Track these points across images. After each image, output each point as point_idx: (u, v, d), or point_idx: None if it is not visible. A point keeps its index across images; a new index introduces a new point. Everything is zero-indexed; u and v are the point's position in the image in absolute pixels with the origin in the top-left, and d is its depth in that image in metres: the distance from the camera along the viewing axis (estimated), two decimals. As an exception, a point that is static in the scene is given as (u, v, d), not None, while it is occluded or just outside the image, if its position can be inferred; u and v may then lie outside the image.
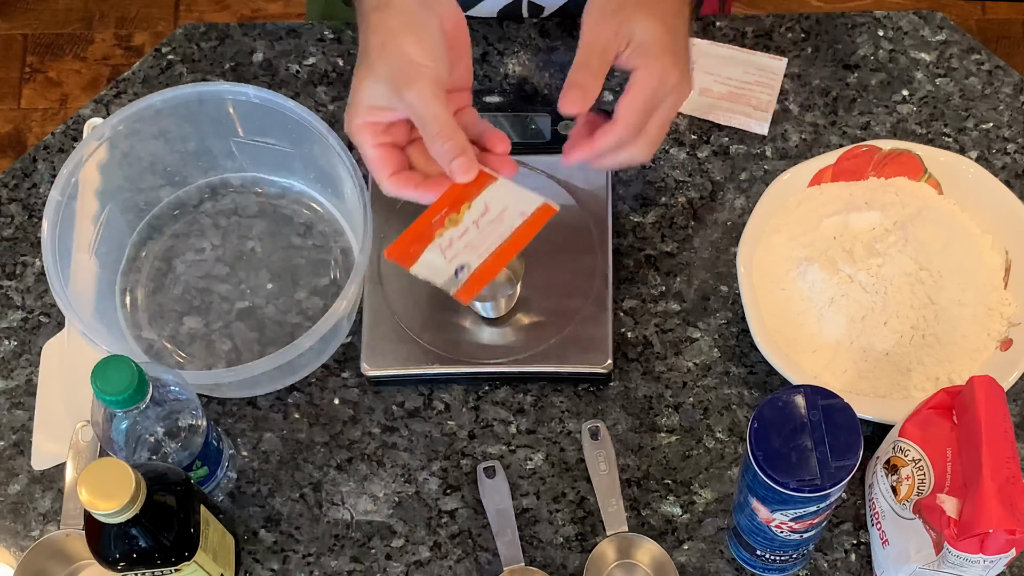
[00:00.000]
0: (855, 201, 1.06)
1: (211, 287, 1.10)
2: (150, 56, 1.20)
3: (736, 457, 1.03)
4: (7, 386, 1.07)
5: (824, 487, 0.83)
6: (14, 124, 2.21)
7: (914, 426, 0.92)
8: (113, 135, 1.06)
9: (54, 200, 1.02)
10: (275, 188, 1.14)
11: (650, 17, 0.93)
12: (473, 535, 1.01)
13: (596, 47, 0.94)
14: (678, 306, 1.08)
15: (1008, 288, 1.04)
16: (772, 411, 0.84)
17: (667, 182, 1.13)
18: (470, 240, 0.90)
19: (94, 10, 2.32)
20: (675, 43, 0.94)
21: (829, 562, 1.00)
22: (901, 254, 1.01)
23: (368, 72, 0.91)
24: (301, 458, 1.04)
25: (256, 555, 1.01)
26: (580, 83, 0.93)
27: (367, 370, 1.04)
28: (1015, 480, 0.84)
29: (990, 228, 1.06)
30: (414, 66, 0.89)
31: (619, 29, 0.93)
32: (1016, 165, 1.13)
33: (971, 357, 1.01)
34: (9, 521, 1.02)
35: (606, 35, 0.93)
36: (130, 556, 0.87)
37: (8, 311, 1.10)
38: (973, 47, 1.19)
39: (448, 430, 1.04)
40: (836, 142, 1.15)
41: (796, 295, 1.03)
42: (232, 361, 1.06)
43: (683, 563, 0.99)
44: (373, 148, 0.92)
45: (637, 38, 0.93)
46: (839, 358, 1.01)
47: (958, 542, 0.85)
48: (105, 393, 0.86)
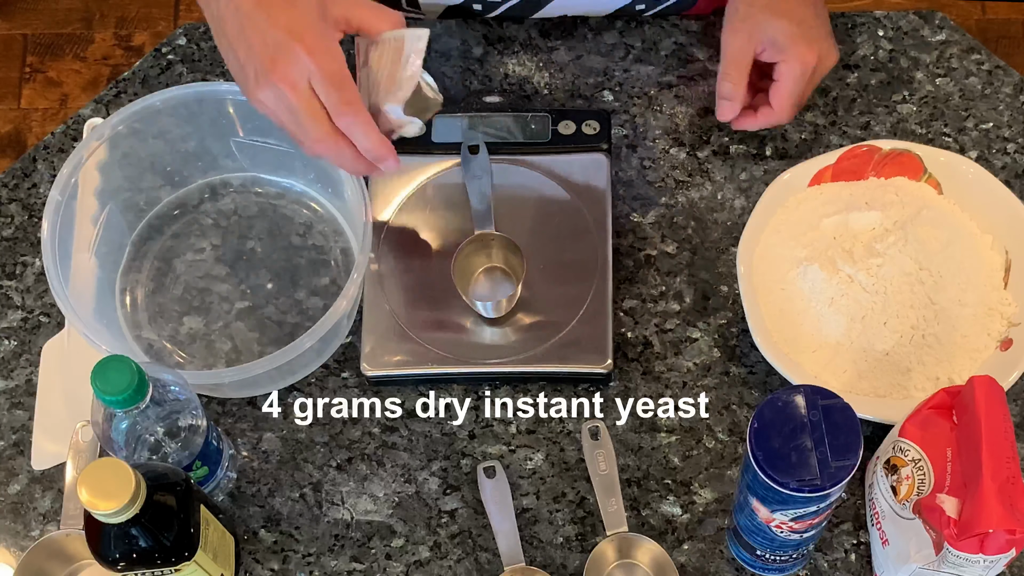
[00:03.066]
0: (855, 201, 1.06)
1: (211, 287, 1.10)
2: (150, 56, 1.20)
3: (736, 457, 1.03)
4: (7, 386, 1.07)
5: (824, 487, 0.83)
6: (14, 124, 2.21)
7: (914, 426, 0.92)
8: (113, 135, 1.06)
9: (54, 200, 1.02)
10: (275, 188, 1.14)
11: (777, 16, 1.07)
12: (473, 535, 1.01)
13: (733, 57, 1.09)
14: (678, 306, 1.08)
15: (1008, 288, 1.04)
16: (772, 411, 0.84)
17: (667, 182, 1.13)
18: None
19: (94, 10, 2.32)
20: (805, 32, 1.07)
21: (829, 562, 1.00)
22: (901, 254, 1.01)
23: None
24: (301, 458, 1.04)
25: (256, 555, 1.01)
26: (726, 95, 1.09)
27: (367, 370, 1.04)
28: (1015, 480, 0.84)
29: (990, 228, 1.06)
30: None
31: (751, 35, 1.08)
32: (1016, 165, 1.13)
33: (971, 357, 1.01)
34: (9, 521, 1.02)
35: (740, 43, 1.08)
36: (130, 556, 0.87)
37: (8, 311, 1.10)
38: (973, 47, 1.19)
39: (448, 430, 1.04)
40: (836, 142, 1.15)
41: (796, 295, 1.03)
42: (232, 361, 1.06)
43: (683, 563, 0.99)
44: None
45: (770, 38, 1.07)
46: (839, 358, 1.01)
47: (958, 542, 0.85)
48: (105, 393, 0.86)
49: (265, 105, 0.91)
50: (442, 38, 1.20)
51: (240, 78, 0.93)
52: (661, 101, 1.17)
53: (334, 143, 0.92)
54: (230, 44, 0.92)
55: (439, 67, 1.18)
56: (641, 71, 1.18)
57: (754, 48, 1.08)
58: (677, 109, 1.16)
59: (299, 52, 0.88)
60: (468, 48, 1.19)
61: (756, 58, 1.09)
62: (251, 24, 0.90)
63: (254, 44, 0.90)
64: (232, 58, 0.93)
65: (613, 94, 1.17)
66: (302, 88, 0.89)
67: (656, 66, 1.18)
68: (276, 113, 0.92)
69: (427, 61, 1.19)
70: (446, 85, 1.17)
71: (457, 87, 1.17)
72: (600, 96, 1.17)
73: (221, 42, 0.94)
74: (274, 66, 0.89)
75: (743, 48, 1.08)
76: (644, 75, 1.18)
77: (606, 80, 1.17)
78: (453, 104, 1.16)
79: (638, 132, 1.15)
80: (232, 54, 0.92)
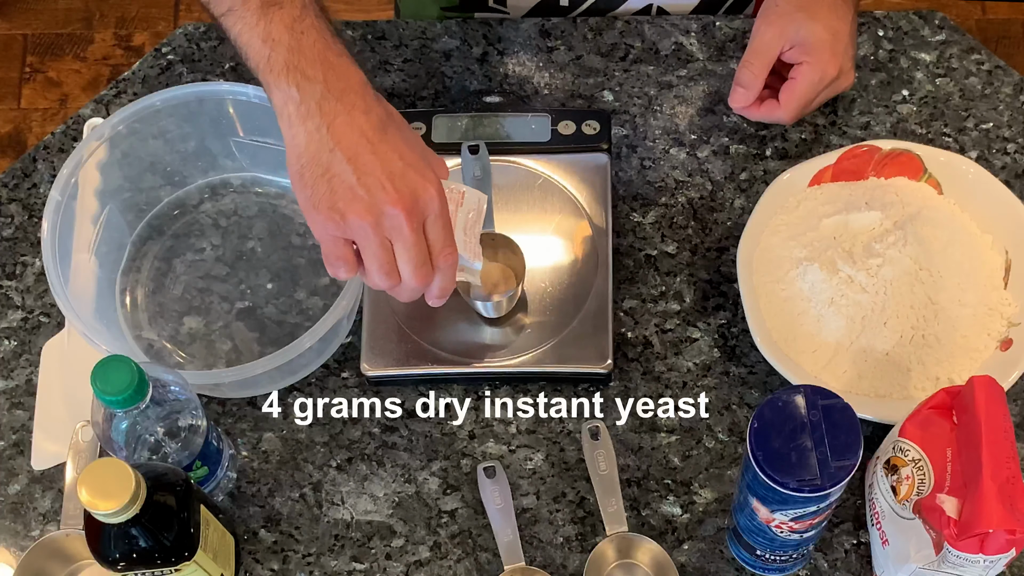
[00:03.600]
0: (855, 201, 1.06)
1: (211, 287, 1.10)
2: (150, 56, 1.20)
3: (736, 457, 1.03)
4: (7, 386, 1.07)
5: (824, 487, 0.83)
6: (14, 124, 2.21)
7: (914, 426, 0.92)
8: (113, 135, 1.06)
9: (54, 200, 1.02)
10: (275, 188, 1.14)
11: (813, 20, 1.07)
12: (473, 535, 1.01)
13: (760, 48, 1.10)
14: (678, 306, 1.08)
15: (1008, 288, 1.04)
16: (772, 411, 0.84)
17: (667, 182, 1.13)
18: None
19: (94, 10, 2.32)
20: (835, 43, 1.08)
21: (829, 562, 1.00)
22: (901, 254, 1.01)
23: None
24: (301, 458, 1.04)
25: (256, 555, 1.01)
26: (744, 83, 1.11)
27: (367, 370, 1.04)
28: (1015, 480, 0.84)
29: (990, 228, 1.06)
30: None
31: (784, 31, 1.08)
32: (1016, 165, 1.13)
33: (971, 357, 1.01)
34: (9, 521, 1.02)
35: (771, 36, 1.09)
36: (130, 556, 0.87)
37: (8, 311, 1.10)
38: (973, 47, 1.19)
39: (448, 430, 1.04)
40: (836, 142, 1.15)
41: (796, 295, 1.03)
42: (232, 361, 1.06)
43: (683, 563, 0.99)
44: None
45: (800, 38, 1.08)
46: (839, 358, 1.01)
47: (958, 542, 0.85)
48: (105, 393, 0.86)
49: (354, 223, 0.86)
50: (442, 38, 1.20)
51: (323, 191, 0.86)
52: (661, 101, 1.17)
53: (425, 276, 0.89)
54: (329, 158, 0.86)
55: (439, 67, 1.18)
56: (641, 71, 1.18)
57: (782, 44, 1.09)
58: (677, 109, 1.16)
59: (430, 189, 0.87)
60: (468, 48, 1.19)
61: (780, 55, 1.09)
62: (370, 148, 0.86)
63: (371, 167, 0.85)
64: (318, 170, 0.86)
65: (613, 94, 1.17)
66: (417, 222, 0.86)
67: (656, 66, 1.18)
68: (368, 234, 0.86)
69: (428, 63, 1.19)
70: (446, 85, 1.17)
71: (457, 87, 1.17)
72: (600, 96, 1.17)
73: (306, 145, 0.86)
74: (399, 195, 0.85)
75: (772, 41, 1.09)
76: (644, 75, 1.18)
77: (606, 80, 1.17)
78: (453, 104, 1.16)
79: (638, 132, 1.15)
80: (319, 168, 0.86)
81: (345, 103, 0.86)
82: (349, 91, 0.86)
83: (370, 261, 0.88)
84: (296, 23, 0.86)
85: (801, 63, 1.09)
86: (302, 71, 0.85)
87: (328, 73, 0.86)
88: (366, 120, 0.86)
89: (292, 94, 0.85)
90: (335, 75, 0.86)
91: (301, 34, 0.86)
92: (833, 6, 1.08)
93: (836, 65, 1.08)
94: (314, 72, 0.86)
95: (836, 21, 1.08)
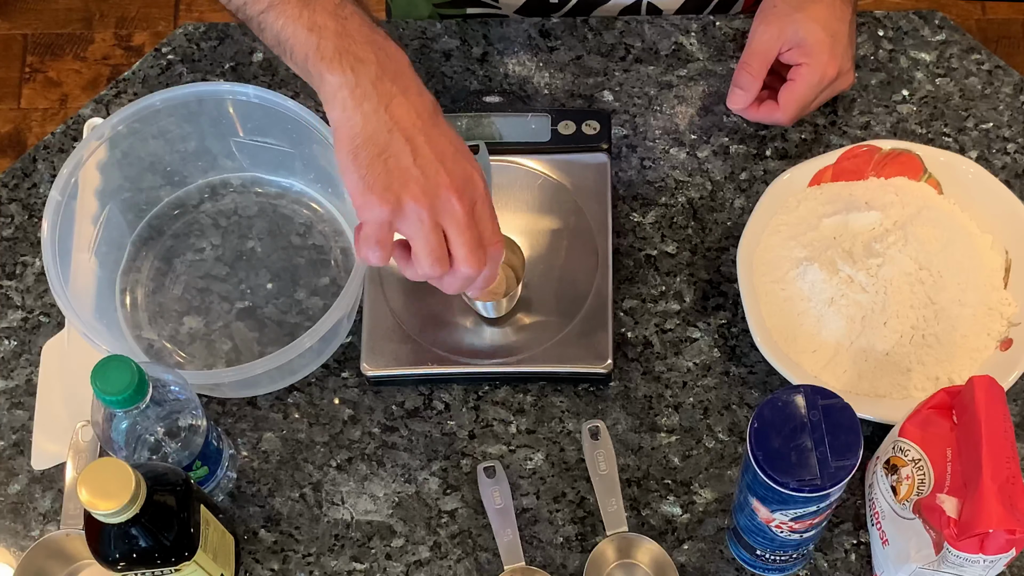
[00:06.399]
0: (855, 201, 1.06)
1: (211, 287, 1.10)
2: (150, 56, 1.20)
3: (736, 457, 1.03)
4: (7, 386, 1.07)
5: (824, 487, 0.83)
6: (14, 124, 2.21)
7: (914, 426, 0.92)
8: (113, 135, 1.06)
9: (54, 200, 1.02)
10: (275, 188, 1.14)
11: (812, 21, 1.07)
12: (473, 535, 1.01)
13: (758, 49, 1.09)
14: (678, 306, 1.08)
15: (1008, 288, 1.04)
16: (772, 411, 0.84)
17: (667, 182, 1.13)
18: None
19: (94, 10, 2.32)
20: (834, 44, 1.08)
21: (829, 562, 1.00)
22: (901, 254, 1.01)
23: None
24: (301, 458, 1.04)
25: (256, 555, 1.01)
26: (742, 84, 1.11)
27: (367, 370, 1.04)
28: (1015, 480, 0.84)
29: (990, 228, 1.06)
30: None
31: (782, 31, 1.08)
32: (1016, 165, 1.13)
33: (971, 357, 1.01)
34: (9, 521, 1.02)
35: (769, 37, 1.08)
36: (130, 556, 0.87)
37: (8, 311, 1.10)
38: (973, 47, 1.19)
39: (448, 430, 1.04)
40: (836, 142, 1.15)
41: (796, 295, 1.03)
42: (232, 361, 1.06)
43: (683, 563, 0.99)
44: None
45: (800, 39, 1.07)
46: (839, 358, 1.01)
47: (958, 542, 0.85)
48: (105, 393, 0.86)
49: (409, 207, 0.85)
50: (442, 38, 1.20)
51: (379, 172, 0.85)
52: (661, 101, 1.17)
53: (480, 261, 0.88)
54: (388, 138, 0.85)
55: (439, 67, 1.18)
56: (641, 71, 1.18)
57: (781, 45, 1.08)
58: (677, 109, 1.16)
59: (475, 175, 0.87)
60: (468, 48, 1.19)
61: (778, 55, 1.09)
62: (424, 130, 0.86)
63: (426, 149, 0.85)
64: (374, 150, 0.85)
65: (613, 94, 1.17)
66: (469, 206, 0.86)
67: (656, 66, 1.18)
68: (423, 218, 0.85)
69: (428, 63, 1.19)
70: (446, 85, 1.17)
71: (457, 87, 1.17)
72: (600, 96, 1.17)
73: (363, 127, 0.85)
74: (452, 178, 0.85)
75: (770, 42, 1.09)
76: (644, 75, 1.18)
77: (606, 80, 1.17)
78: (453, 104, 1.16)
79: (638, 132, 1.15)
80: (375, 148, 0.85)
81: (399, 84, 0.86)
82: (401, 73, 0.87)
83: (421, 246, 0.87)
84: (339, 9, 0.86)
85: (800, 64, 1.08)
86: (354, 54, 0.85)
87: (379, 54, 0.86)
88: (420, 101, 0.87)
89: (348, 78, 0.85)
90: (385, 55, 0.86)
91: (345, 19, 0.86)
92: (831, 6, 1.08)
93: (835, 66, 1.08)
94: (365, 54, 0.85)
95: (835, 22, 1.08)
